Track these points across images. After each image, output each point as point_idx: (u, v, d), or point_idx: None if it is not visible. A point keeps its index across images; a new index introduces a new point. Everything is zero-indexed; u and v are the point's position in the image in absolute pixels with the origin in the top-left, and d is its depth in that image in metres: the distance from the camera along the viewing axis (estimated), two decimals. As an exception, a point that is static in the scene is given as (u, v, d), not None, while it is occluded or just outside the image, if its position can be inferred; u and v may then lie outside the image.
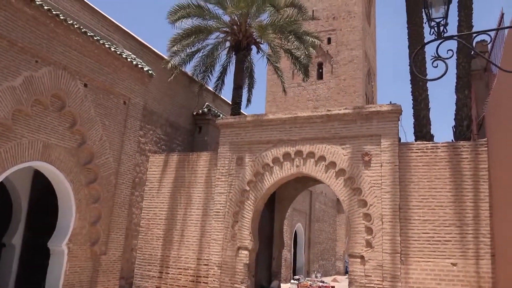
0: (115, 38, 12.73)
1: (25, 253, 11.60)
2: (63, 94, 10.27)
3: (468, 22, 11.44)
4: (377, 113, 10.68)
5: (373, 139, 10.66)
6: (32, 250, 11.53)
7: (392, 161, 10.28)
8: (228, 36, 15.05)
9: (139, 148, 13.13)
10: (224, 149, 12.43)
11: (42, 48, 9.73)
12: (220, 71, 16.32)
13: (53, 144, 10.11)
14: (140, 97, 12.90)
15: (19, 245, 11.62)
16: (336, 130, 11.13)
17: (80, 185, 10.79)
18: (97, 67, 11.26)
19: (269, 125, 11.93)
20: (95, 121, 11.18)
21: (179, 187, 13.12)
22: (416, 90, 11.92)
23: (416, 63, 11.68)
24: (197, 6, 14.28)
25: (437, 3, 5.29)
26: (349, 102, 28.07)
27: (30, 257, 11.53)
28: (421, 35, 12.22)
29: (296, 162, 11.45)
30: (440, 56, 5.13)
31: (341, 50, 30.03)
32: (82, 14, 11.74)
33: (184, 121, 15.60)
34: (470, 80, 11.49)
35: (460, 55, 11.37)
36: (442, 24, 5.22)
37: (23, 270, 11.52)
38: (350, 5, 30.10)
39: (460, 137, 11.11)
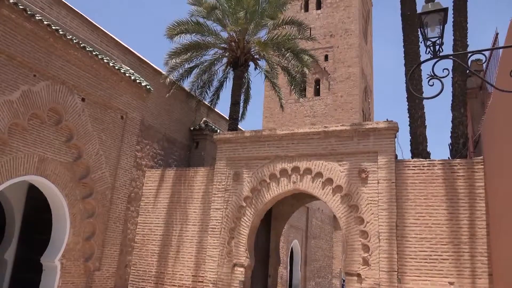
0: (114, 53, 12.81)
1: (18, 268, 11.43)
2: (61, 108, 10.27)
3: (463, 41, 11.59)
4: (374, 130, 10.72)
5: (370, 156, 10.67)
6: (25, 265, 11.36)
7: (389, 178, 10.27)
8: (226, 52, 15.18)
9: (135, 162, 13.08)
10: (221, 164, 12.40)
11: (40, 63, 9.77)
12: (217, 86, 16.42)
13: (49, 158, 10.06)
14: (138, 111, 12.92)
15: (12, 260, 11.46)
16: (333, 147, 11.14)
17: (75, 199, 10.70)
18: (95, 82, 11.30)
19: (266, 141, 11.94)
20: (92, 136, 11.16)
21: (175, 202, 13.04)
22: (413, 107, 12.00)
23: (412, 81, 11.79)
24: (196, 23, 14.43)
25: (432, 23, 5.37)
26: (346, 119, 28.20)
27: (23, 273, 11.36)
28: (417, 53, 12.36)
29: (293, 178, 11.42)
30: (436, 75, 5.18)
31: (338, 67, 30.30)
32: (82, 30, 11.83)
33: (181, 136, 15.59)
34: (465, 99, 11.59)
35: (456, 73, 11.49)
36: (438, 44, 5.29)
37: (15, 285, 11.33)
38: (347, 23, 30.49)
39: (457, 154, 11.14)
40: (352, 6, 30.47)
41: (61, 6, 11.28)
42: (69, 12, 11.51)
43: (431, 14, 5.36)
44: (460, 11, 11.90)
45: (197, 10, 14.39)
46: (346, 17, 30.50)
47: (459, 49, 11.28)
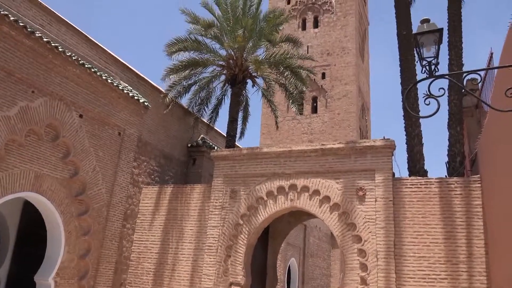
0: (113, 70, 12.88)
1: (11, 286, 11.23)
2: (58, 125, 10.27)
3: (459, 61, 11.74)
4: (371, 148, 10.74)
5: (367, 173, 10.66)
6: (19, 283, 11.17)
7: (386, 196, 10.24)
8: (224, 70, 15.29)
9: (132, 179, 13.02)
10: (218, 181, 12.36)
11: (39, 79, 9.80)
12: (215, 103, 16.49)
13: (45, 174, 10.01)
14: (135, 128, 12.93)
15: (5, 278, 11.27)
16: (330, 164, 11.14)
17: (70, 216, 10.60)
18: (93, 98, 11.33)
19: (264, 158, 11.93)
20: (89, 152, 11.13)
21: (171, 220, 12.93)
22: (409, 125, 12.06)
23: (408, 100, 11.88)
24: (195, 40, 14.58)
25: (428, 43, 5.44)
26: (343, 136, 28.27)
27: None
28: (413, 72, 12.49)
29: (290, 196, 11.38)
30: (432, 94, 5.22)
31: (335, 85, 30.53)
32: (81, 46, 11.92)
33: (178, 152, 15.57)
34: (462, 117, 11.67)
35: (452, 92, 11.59)
36: (433, 63, 5.35)
37: (7, 304, 11.13)
38: (344, 41, 30.86)
39: (454, 173, 11.16)
40: (349, 25, 30.89)
41: (61, 23, 11.39)
42: (69, 29, 11.61)
43: (426, 35, 5.44)
44: (455, 31, 12.09)
45: (195, 28, 14.56)
46: (343, 35, 30.89)
47: (454, 69, 11.42)
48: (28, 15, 10.44)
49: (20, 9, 10.20)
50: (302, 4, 32.37)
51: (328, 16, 31.58)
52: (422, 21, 5.61)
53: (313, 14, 32.12)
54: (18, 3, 10.20)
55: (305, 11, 32.42)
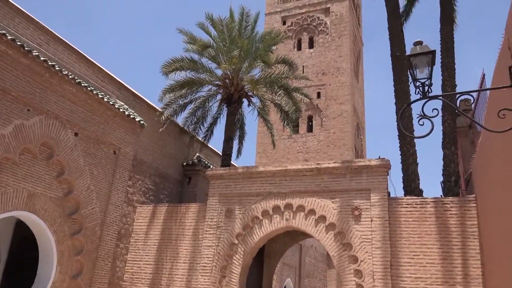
0: (109, 88, 12.93)
1: (0, 308, 11.00)
2: (53, 143, 10.23)
3: (452, 81, 11.91)
4: (366, 168, 10.76)
5: (363, 193, 10.66)
6: (8, 305, 10.93)
7: (382, 216, 10.22)
8: (220, 89, 15.39)
9: (126, 198, 12.92)
10: (213, 200, 12.29)
11: (35, 97, 9.82)
12: (211, 122, 16.53)
13: (39, 193, 9.92)
14: (131, 146, 12.90)
15: (-5, 299, 11.04)
16: (326, 184, 11.13)
17: (63, 236, 10.46)
18: (89, 117, 11.33)
19: (259, 177, 11.91)
20: (84, 171, 11.07)
21: (166, 239, 12.78)
22: (404, 145, 12.13)
23: (403, 120, 11.97)
24: (191, 60, 14.71)
25: (421, 65, 5.53)
26: (339, 155, 28.33)
27: (5, 313, 10.91)
28: (407, 92, 12.62)
29: (285, 216, 11.32)
30: (426, 115, 5.27)
31: (330, 104, 30.75)
32: (78, 65, 11.98)
33: (174, 171, 15.51)
34: (456, 137, 11.76)
35: (446, 112, 11.71)
36: (427, 84, 5.42)
37: (-4, 327, 10.86)
38: (338, 61, 31.25)
39: (449, 192, 11.17)
40: (344, 45, 31.34)
41: (58, 43, 11.47)
42: (66, 48, 11.70)
43: (419, 56, 5.52)
44: (447, 53, 12.30)
45: (192, 48, 14.71)
46: (338, 56, 31.29)
47: (447, 89, 11.57)
48: (26, 34, 10.52)
49: (18, 28, 10.29)
50: (297, 25, 32.87)
51: (323, 37, 32.05)
52: (415, 43, 5.71)
53: (308, 35, 32.59)
54: (16, 23, 10.29)
55: (300, 32, 32.91)
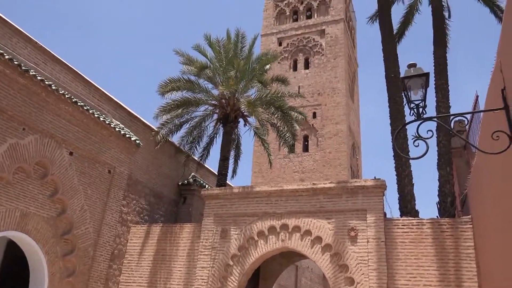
0: (105, 108, 12.94)
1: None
2: (47, 162, 10.17)
3: (446, 103, 12.03)
4: (362, 188, 10.74)
5: (359, 213, 10.61)
6: (-4, 329, 10.65)
7: (378, 237, 10.15)
8: (217, 109, 15.45)
9: (120, 218, 12.78)
10: (209, 221, 12.18)
11: (31, 116, 9.80)
12: (207, 142, 16.53)
13: (32, 213, 9.80)
14: (126, 166, 12.84)
15: (-17, 322, 10.76)
16: (321, 204, 11.08)
17: (55, 256, 10.29)
18: (84, 136, 11.31)
19: (255, 197, 11.85)
20: (78, 190, 10.97)
21: (159, 260, 12.60)
22: (400, 166, 12.15)
23: (398, 140, 12.03)
24: (188, 81, 14.81)
25: (415, 87, 5.58)
26: (335, 175, 28.29)
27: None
28: (401, 113, 12.73)
29: (281, 236, 11.22)
30: (421, 136, 5.29)
31: (326, 124, 30.89)
32: (75, 85, 12.02)
33: (169, 191, 15.41)
34: (451, 157, 11.81)
35: (440, 133, 11.79)
36: (421, 106, 5.46)
37: None
38: (334, 82, 31.55)
39: (445, 213, 11.15)
40: (339, 66, 31.70)
41: (55, 62, 11.53)
42: (63, 68, 11.75)
43: (413, 78, 5.59)
44: (441, 74, 12.47)
45: (189, 69, 14.83)
46: (333, 76, 31.62)
47: (442, 110, 11.67)
48: (23, 53, 10.58)
49: (15, 48, 10.35)
50: (293, 46, 33.29)
51: (319, 58, 32.45)
52: (409, 65, 5.78)
53: (304, 56, 32.98)
54: (14, 42, 10.36)
55: (296, 53, 33.31)
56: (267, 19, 34.94)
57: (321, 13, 33.80)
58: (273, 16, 34.86)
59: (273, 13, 34.92)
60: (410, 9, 15.79)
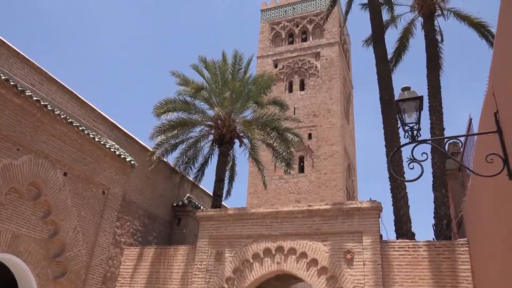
0: (101, 128, 12.94)
1: None
2: (41, 183, 10.08)
3: (440, 125, 12.13)
4: (358, 210, 10.70)
5: (355, 236, 10.54)
6: None
7: (374, 260, 10.05)
8: (212, 130, 15.48)
9: (114, 240, 12.61)
10: (203, 243, 12.04)
11: (25, 137, 9.76)
12: (202, 162, 16.49)
13: (23, 234, 9.64)
14: (120, 187, 12.74)
15: None
16: (317, 226, 11.01)
17: (46, 279, 10.08)
18: (79, 156, 11.26)
19: (250, 219, 11.75)
20: (71, 211, 10.84)
21: (153, 283, 12.37)
22: (395, 188, 12.14)
23: (393, 162, 12.06)
24: (184, 102, 14.88)
25: (409, 110, 5.64)
26: (330, 196, 28.20)
27: None
28: (396, 135, 12.80)
29: (277, 259, 11.09)
30: (416, 159, 5.31)
31: (321, 145, 30.98)
32: (71, 105, 12.04)
33: (163, 212, 15.27)
34: (446, 179, 11.83)
35: (435, 155, 11.84)
36: (415, 129, 5.50)
37: None
38: (329, 103, 31.81)
39: (441, 235, 11.10)
40: (334, 88, 32.02)
41: (51, 83, 11.57)
42: (59, 88, 11.78)
43: (407, 101, 5.64)
44: (435, 97, 12.61)
45: (185, 90, 14.91)
46: (329, 98, 31.89)
47: (436, 132, 11.76)
48: (20, 74, 10.62)
49: (12, 69, 10.39)
50: (289, 68, 33.67)
51: (314, 79, 32.80)
52: (403, 88, 5.85)
53: (299, 78, 33.33)
54: (11, 63, 10.41)
55: (291, 75, 33.66)
56: (263, 41, 35.44)
57: (316, 36, 34.34)
58: (269, 39, 35.38)
59: (269, 36, 35.45)
60: (404, 33, 16.09)
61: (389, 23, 16.00)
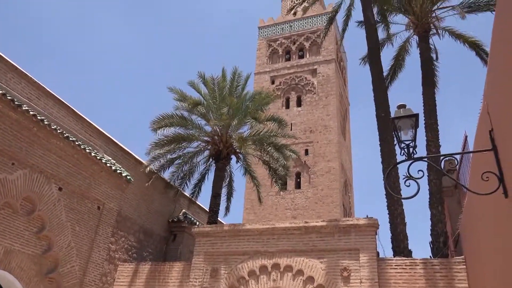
0: (97, 143, 12.91)
1: None
2: (35, 198, 9.99)
3: (436, 142, 12.18)
4: (354, 227, 10.65)
5: (352, 253, 10.46)
6: None
7: (371, 278, 9.96)
8: (209, 145, 15.48)
9: (108, 256, 12.45)
10: (199, 259, 11.91)
11: (21, 151, 9.72)
12: (198, 178, 16.44)
13: (16, 250, 9.51)
14: (116, 202, 12.65)
15: None
16: (314, 243, 10.93)
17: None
18: (75, 171, 11.20)
19: (246, 236, 11.66)
20: (65, 227, 10.73)
21: (147, 300, 12.18)
22: (392, 204, 12.11)
23: (389, 179, 12.05)
24: (181, 117, 14.92)
25: (405, 127, 5.67)
26: (327, 212, 28.08)
27: None
28: (393, 152, 12.83)
29: (273, 276, 10.96)
30: (412, 176, 5.31)
31: (318, 161, 30.99)
32: (67, 120, 12.03)
33: (159, 228, 15.14)
34: (442, 197, 11.82)
35: (431, 172, 11.86)
36: (411, 146, 5.52)
37: None
38: (326, 120, 31.95)
39: (438, 253, 11.04)
40: (330, 104, 32.21)
41: (48, 97, 11.59)
42: (56, 103, 11.79)
43: (403, 119, 5.68)
44: (430, 114, 12.69)
45: (182, 105, 14.96)
46: (325, 114, 32.05)
47: (432, 149, 11.79)
48: (17, 88, 10.63)
49: (9, 83, 10.41)
50: (285, 85, 33.91)
51: (311, 96, 33.01)
52: (398, 106, 5.89)
53: (296, 94, 33.54)
54: (9, 78, 10.43)
55: (288, 91, 33.88)
56: (260, 58, 35.75)
57: (313, 53, 34.70)
58: (266, 55, 35.70)
59: (266, 52, 35.78)
60: (399, 51, 16.29)
61: (385, 41, 16.21)
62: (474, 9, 13.81)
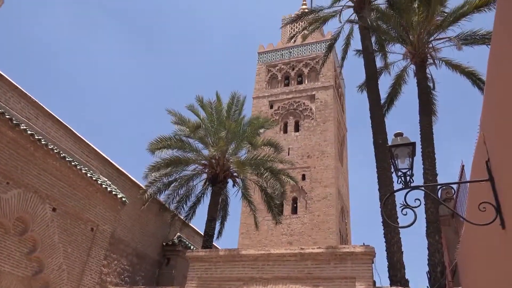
0: (94, 164, 12.86)
1: None
2: (28, 218, 9.87)
3: (433, 170, 12.18)
4: (351, 254, 10.52)
5: (348, 281, 10.29)
6: None
7: (367, 308, 9.77)
8: (206, 169, 15.44)
9: (99, 279, 12.20)
10: (192, 285, 11.68)
11: (16, 170, 9.66)
12: (194, 201, 16.33)
13: (6, 271, 9.32)
14: (109, 224, 12.49)
15: None
16: (309, 270, 10.76)
17: (26, 320, 9.65)
18: (70, 192, 11.10)
19: (241, 261, 11.49)
20: (57, 248, 10.56)
21: (137, 326, 11.88)
22: (388, 232, 12.02)
23: (386, 207, 12.00)
24: (179, 140, 14.93)
25: (402, 155, 5.68)
26: (323, 239, 27.77)
27: None
28: (390, 179, 12.81)
29: (267, 304, 10.74)
30: (409, 205, 5.28)
31: (315, 187, 30.87)
32: (65, 140, 12.02)
33: (152, 251, 14.90)
34: (439, 225, 11.73)
35: (428, 200, 11.81)
36: (408, 175, 5.51)
37: None
38: (323, 145, 32.03)
39: (435, 283, 10.87)
40: (328, 130, 32.36)
41: (47, 117, 11.60)
42: (54, 123, 11.80)
43: (400, 147, 5.69)
44: (427, 143, 12.74)
45: (181, 128, 15.01)
46: (323, 140, 32.15)
47: (429, 178, 11.79)
48: (16, 108, 10.66)
49: (9, 102, 10.44)
50: (284, 109, 34.15)
51: (309, 121, 33.20)
52: (395, 134, 5.92)
53: (294, 119, 33.73)
54: (8, 97, 10.47)
55: (286, 116, 34.09)
56: (259, 82, 36.13)
57: (312, 79, 35.12)
58: (265, 80, 36.10)
59: (265, 77, 36.19)
60: (397, 80, 16.50)
61: (383, 70, 16.44)
62: (471, 42, 14.07)
